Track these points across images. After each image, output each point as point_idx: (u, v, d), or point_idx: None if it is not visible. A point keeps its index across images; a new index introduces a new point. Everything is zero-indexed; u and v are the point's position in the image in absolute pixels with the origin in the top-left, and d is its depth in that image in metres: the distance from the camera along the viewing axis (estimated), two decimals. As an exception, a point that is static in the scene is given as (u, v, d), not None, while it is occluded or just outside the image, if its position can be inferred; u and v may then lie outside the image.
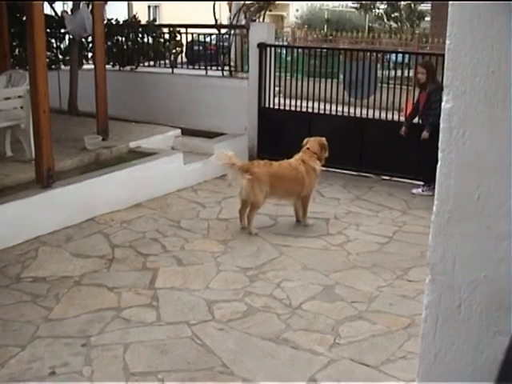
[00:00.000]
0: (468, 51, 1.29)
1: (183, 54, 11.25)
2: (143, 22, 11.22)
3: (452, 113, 1.32)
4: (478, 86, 1.29)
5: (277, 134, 8.92)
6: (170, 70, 10.39)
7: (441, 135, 1.36)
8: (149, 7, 28.90)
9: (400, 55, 10.53)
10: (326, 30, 27.52)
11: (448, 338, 1.42)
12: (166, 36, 10.65)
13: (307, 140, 6.48)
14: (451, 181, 1.36)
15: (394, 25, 28.86)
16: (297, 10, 36.51)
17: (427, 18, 25.93)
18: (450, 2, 1.27)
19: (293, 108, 8.92)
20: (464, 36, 1.28)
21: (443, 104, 1.34)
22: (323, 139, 6.46)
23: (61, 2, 10.47)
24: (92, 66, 8.48)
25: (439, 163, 1.37)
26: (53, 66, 10.30)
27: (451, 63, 1.31)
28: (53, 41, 10.79)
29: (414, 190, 7.61)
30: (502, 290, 1.33)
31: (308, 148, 6.37)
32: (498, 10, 1.23)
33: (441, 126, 1.35)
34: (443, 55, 1.35)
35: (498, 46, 1.25)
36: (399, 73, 8.98)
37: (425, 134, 7.24)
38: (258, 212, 6.26)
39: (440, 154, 1.38)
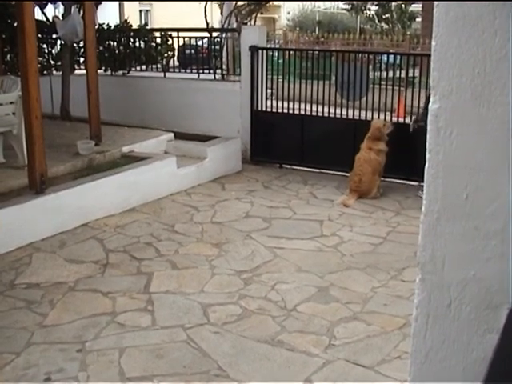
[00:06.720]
0: (454, 52, 1.30)
1: (175, 58, 11.27)
2: (135, 26, 11.22)
3: (439, 113, 1.33)
4: (464, 87, 1.30)
5: (270, 137, 8.95)
6: (162, 74, 10.40)
7: (428, 136, 1.37)
8: (140, 11, 28.89)
9: (392, 56, 10.59)
10: (317, 31, 27.56)
11: (439, 336, 1.42)
12: (158, 40, 10.65)
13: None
14: (439, 181, 1.36)
15: (385, 26, 28.97)
16: (288, 13, 36.53)
17: (418, 19, 26.05)
18: (435, 3, 1.28)
19: (285, 110, 8.94)
20: (449, 37, 1.29)
21: (430, 105, 1.35)
22: (378, 123, 7.43)
23: (52, 7, 10.45)
24: (84, 71, 8.47)
25: (427, 164, 1.38)
26: (45, 72, 10.27)
27: (437, 64, 1.32)
28: (44, 46, 10.78)
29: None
30: (490, 288, 1.34)
31: (369, 136, 7.36)
32: (482, 10, 1.25)
33: (428, 126, 1.36)
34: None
35: (483, 47, 1.26)
36: (391, 74, 8.99)
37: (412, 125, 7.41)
38: (251, 215, 6.61)
39: (428, 155, 1.39)
